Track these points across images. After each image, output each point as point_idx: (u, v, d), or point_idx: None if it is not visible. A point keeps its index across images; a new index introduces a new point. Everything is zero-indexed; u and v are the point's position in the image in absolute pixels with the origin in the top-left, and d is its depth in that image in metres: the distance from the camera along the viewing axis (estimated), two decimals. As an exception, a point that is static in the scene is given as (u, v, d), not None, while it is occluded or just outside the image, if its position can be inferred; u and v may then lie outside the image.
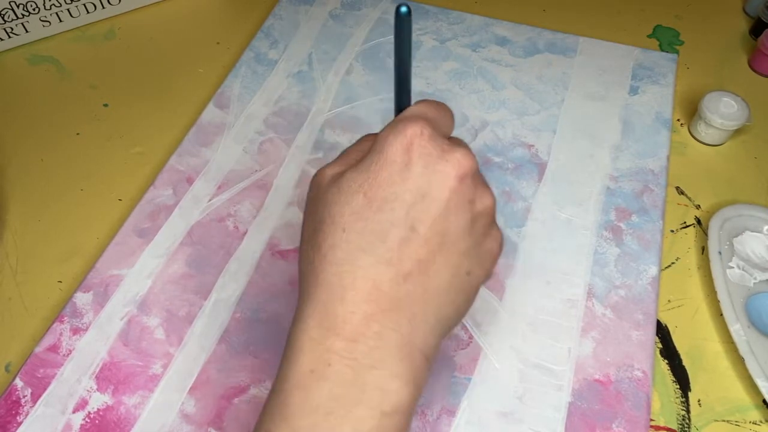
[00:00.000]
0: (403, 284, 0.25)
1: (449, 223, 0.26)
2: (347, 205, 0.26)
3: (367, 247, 0.25)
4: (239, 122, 0.53)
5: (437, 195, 0.26)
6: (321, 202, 0.27)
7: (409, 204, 0.26)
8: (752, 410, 0.40)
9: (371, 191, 0.26)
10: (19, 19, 0.59)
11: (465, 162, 0.26)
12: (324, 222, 0.27)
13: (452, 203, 0.26)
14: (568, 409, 0.39)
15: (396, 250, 0.25)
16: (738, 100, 0.52)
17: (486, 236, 0.29)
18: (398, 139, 0.26)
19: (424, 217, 0.26)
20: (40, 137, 0.54)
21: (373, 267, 0.25)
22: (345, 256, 0.26)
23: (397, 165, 0.26)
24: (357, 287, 0.25)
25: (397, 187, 0.26)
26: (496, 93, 0.56)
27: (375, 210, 0.26)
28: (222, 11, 0.65)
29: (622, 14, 0.65)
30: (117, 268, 0.45)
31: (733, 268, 0.45)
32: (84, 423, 0.38)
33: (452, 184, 0.26)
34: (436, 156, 0.26)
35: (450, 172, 0.26)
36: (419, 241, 0.26)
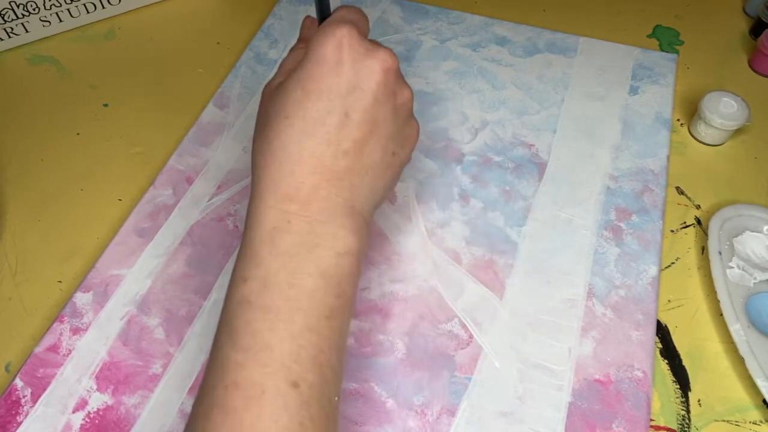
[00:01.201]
0: (342, 160, 0.30)
1: (377, 111, 0.31)
2: (289, 99, 0.30)
3: (309, 130, 0.30)
4: (239, 122, 0.53)
5: (366, 87, 0.30)
6: (268, 105, 0.32)
7: (342, 94, 0.30)
8: (752, 410, 0.40)
9: (308, 85, 0.30)
10: (19, 19, 0.59)
11: (388, 59, 0.31)
12: (269, 116, 0.31)
13: (379, 94, 0.31)
14: (568, 409, 0.39)
15: (334, 132, 0.30)
16: (738, 100, 0.52)
17: (406, 124, 0.34)
18: (329, 39, 0.30)
19: (357, 106, 0.30)
20: (40, 137, 0.54)
21: (316, 146, 0.30)
22: (290, 139, 0.30)
23: (330, 62, 0.30)
24: (304, 163, 0.30)
25: (331, 80, 0.30)
26: (496, 93, 0.56)
27: (313, 100, 0.30)
28: (222, 11, 0.65)
29: (622, 14, 0.65)
30: (117, 268, 0.45)
31: (733, 268, 0.45)
32: (84, 423, 0.38)
33: (378, 78, 0.30)
34: (363, 54, 0.30)
35: (376, 68, 0.30)
36: (353, 125, 0.30)
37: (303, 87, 0.30)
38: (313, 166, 0.30)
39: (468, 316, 0.43)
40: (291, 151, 0.30)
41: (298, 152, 0.30)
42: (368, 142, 0.31)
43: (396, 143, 0.33)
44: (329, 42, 0.30)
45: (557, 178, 0.50)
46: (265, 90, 0.34)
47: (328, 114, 0.30)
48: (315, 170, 0.30)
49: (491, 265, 0.45)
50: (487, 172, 0.50)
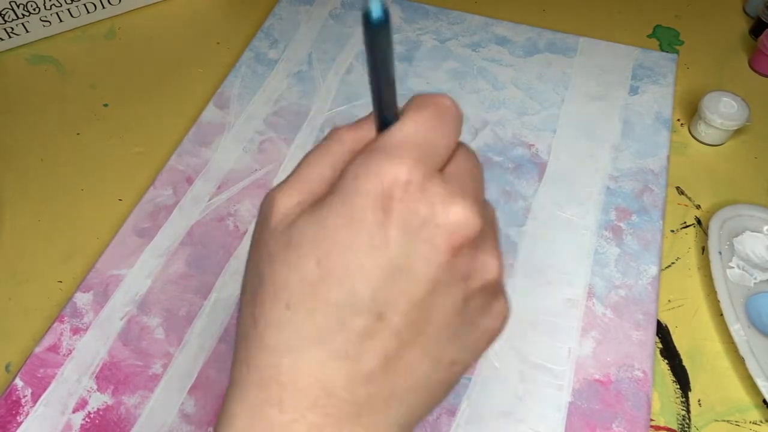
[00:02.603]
0: (362, 387, 0.19)
1: (432, 308, 0.19)
2: (295, 270, 0.19)
3: (316, 335, 0.19)
4: (239, 122, 0.53)
5: (419, 273, 0.19)
6: (264, 252, 0.20)
7: (377, 283, 0.18)
8: (752, 410, 0.40)
9: (327, 258, 0.18)
10: (20, 19, 0.59)
11: (464, 227, 0.19)
12: (264, 284, 0.20)
13: (439, 283, 0.19)
14: (568, 409, 0.39)
15: (355, 342, 0.19)
16: (738, 100, 0.52)
17: (484, 314, 0.21)
18: (372, 184, 0.18)
19: (399, 302, 0.19)
20: (40, 137, 0.54)
21: (324, 363, 0.19)
22: (287, 343, 0.19)
23: (367, 224, 0.18)
24: (300, 388, 0.19)
25: (363, 256, 0.18)
26: (496, 93, 0.56)
27: (331, 285, 0.18)
28: (222, 11, 0.65)
29: (622, 14, 0.65)
30: (117, 268, 0.45)
31: (733, 268, 0.45)
32: (84, 423, 0.38)
33: (442, 259, 0.19)
34: (423, 218, 0.18)
35: (441, 244, 0.19)
36: (388, 332, 0.19)
37: (320, 260, 0.18)
38: (315, 396, 0.19)
39: (468, 316, 0.43)
40: (283, 365, 0.19)
41: (294, 369, 0.19)
42: (409, 356, 0.19)
43: (459, 347, 0.21)
44: (371, 190, 0.18)
45: (557, 178, 0.50)
46: (266, 204, 0.21)
47: (352, 313, 0.18)
48: (317, 404, 0.19)
49: (491, 265, 0.45)
50: (487, 172, 0.50)
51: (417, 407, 0.21)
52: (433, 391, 0.21)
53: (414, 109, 0.20)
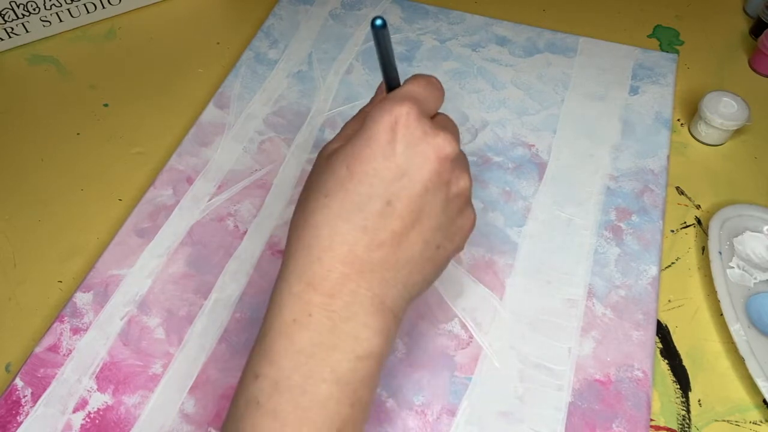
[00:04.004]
0: (377, 251, 0.28)
1: (425, 202, 0.28)
2: (332, 175, 0.28)
3: (345, 214, 0.27)
4: (239, 122, 0.53)
5: (416, 175, 0.28)
6: (314, 173, 0.30)
7: (388, 180, 0.27)
8: (752, 410, 0.40)
9: (354, 165, 0.27)
10: (20, 19, 0.59)
11: (446, 145, 0.28)
12: (312, 189, 0.29)
13: (430, 184, 0.28)
14: (568, 409, 0.39)
15: (372, 220, 0.27)
16: (738, 100, 0.52)
17: (459, 215, 0.31)
18: (384, 117, 0.27)
19: (402, 195, 0.28)
20: (40, 137, 0.54)
21: (350, 233, 0.27)
22: (324, 220, 0.28)
23: (381, 142, 0.27)
24: (334, 249, 0.27)
25: (378, 163, 0.27)
26: (496, 93, 0.56)
27: (356, 182, 0.27)
28: (222, 11, 0.65)
29: (622, 14, 0.65)
30: (117, 268, 0.45)
31: (733, 268, 0.45)
32: (84, 423, 0.38)
33: (431, 166, 0.28)
34: (418, 137, 0.27)
35: (430, 155, 0.28)
36: (395, 215, 0.28)
37: (348, 166, 0.28)
38: (344, 254, 0.27)
39: (468, 316, 0.43)
40: (322, 234, 0.28)
41: (330, 237, 0.28)
42: (409, 234, 0.28)
43: (443, 236, 0.30)
44: (384, 120, 0.27)
45: (557, 178, 0.50)
46: (321, 151, 0.31)
47: (370, 199, 0.27)
48: (345, 259, 0.27)
49: (491, 265, 0.45)
50: (487, 172, 0.50)
51: (415, 275, 0.29)
52: (425, 266, 0.30)
53: (412, 79, 0.30)
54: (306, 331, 0.27)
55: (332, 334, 0.27)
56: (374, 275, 0.28)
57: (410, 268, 0.29)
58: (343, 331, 0.27)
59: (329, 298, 0.27)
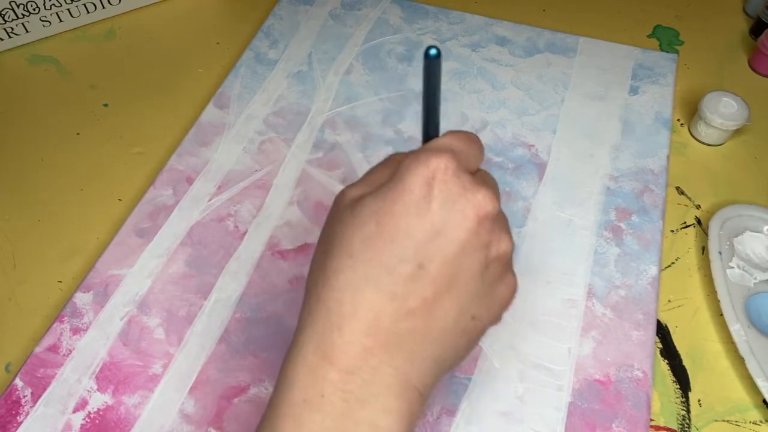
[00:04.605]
0: (405, 321, 0.25)
1: (461, 266, 0.25)
2: (358, 231, 0.25)
3: (372, 277, 0.25)
4: (239, 122, 0.53)
5: (452, 235, 0.25)
6: (336, 223, 0.27)
7: (421, 240, 0.25)
8: (752, 410, 0.40)
9: (384, 220, 0.25)
10: (20, 19, 0.59)
11: (486, 204, 0.25)
12: (334, 244, 0.26)
13: (467, 245, 0.25)
14: (568, 409, 0.39)
15: (401, 284, 0.25)
16: (738, 100, 0.52)
17: (499, 282, 0.28)
18: (420, 169, 0.25)
19: (436, 257, 0.25)
20: (40, 137, 0.54)
21: (376, 299, 0.25)
22: (348, 283, 0.25)
23: (415, 197, 0.25)
24: (357, 317, 0.25)
25: (411, 220, 0.25)
26: (496, 93, 0.56)
27: (385, 241, 0.25)
28: (222, 11, 0.65)
29: (622, 14, 0.65)
30: (117, 268, 0.45)
31: (733, 268, 0.45)
32: (84, 423, 0.38)
33: (470, 226, 0.25)
34: (456, 194, 0.25)
35: (469, 213, 0.25)
36: (427, 280, 0.25)
37: (378, 222, 0.25)
38: (368, 324, 0.25)
39: (468, 316, 0.43)
40: (345, 299, 0.25)
41: (353, 302, 0.25)
42: (442, 302, 0.25)
43: (479, 304, 0.27)
44: (420, 172, 0.25)
45: (557, 178, 0.50)
46: (339, 196, 0.28)
47: (400, 261, 0.25)
48: (369, 330, 0.25)
49: (491, 265, 0.45)
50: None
51: (446, 350, 0.26)
52: (459, 339, 0.27)
53: (449, 133, 0.28)
54: (317, 414, 0.24)
55: (347, 419, 0.24)
56: (401, 349, 0.25)
57: (442, 341, 0.26)
58: (360, 417, 0.24)
59: (347, 375, 0.24)
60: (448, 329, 0.26)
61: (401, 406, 0.25)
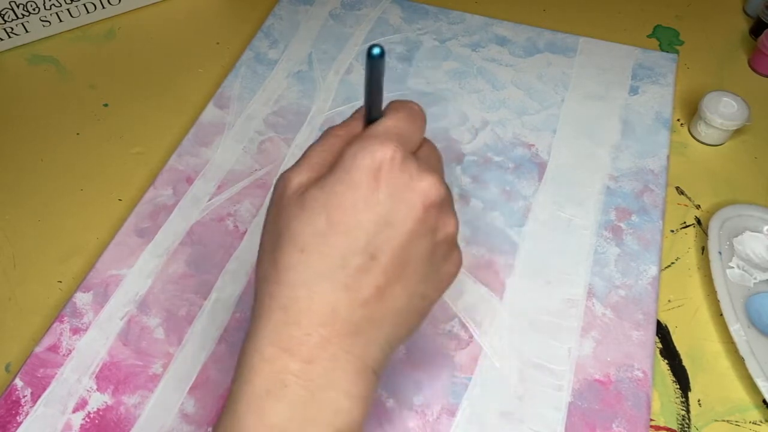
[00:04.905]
0: (360, 310, 0.26)
1: (410, 253, 0.26)
2: (309, 225, 0.25)
3: (325, 271, 0.25)
4: (239, 122, 0.53)
5: (401, 225, 0.25)
6: (283, 214, 0.27)
7: (371, 233, 0.25)
8: (752, 410, 0.40)
9: (334, 214, 0.25)
10: (19, 19, 0.59)
11: (432, 191, 0.26)
12: (283, 237, 0.26)
13: (415, 233, 0.26)
14: (568, 409, 0.39)
15: (354, 276, 0.25)
16: (738, 100, 0.52)
17: (445, 260, 0.28)
18: (366, 161, 0.25)
19: (386, 247, 0.25)
20: (40, 137, 0.54)
21: (332, 292, 0.25)
22: (302, 278, 0.25)
23: (363, 190, 0.25)
24: (313, 311, 0.25)
25: (361, 214, 0.25)
26: (496, 93, 0.56)
27: (337, 235, 0.25)
28: (222, 11, 0.65)
29: (622, 14, 0.65)
30: (117, 268, 0.45)
31: (733, 268, 0.45)
32: (84, 423, 0.38)
33: (417, 215, 0.26)
34: (403, 185, 0.25)
35: (416, 203, 0.26)
36: (379, 269, 0.25)
37: (328, 216, 0.25)
38: (325, 316, 0.25)
39: (468, 316, 0.43)
40: (300, 295, 0.25)
41: (308, 297, 0.25)
42: (393, 288, 0.26)
43: (428, 284, 0.28)
44: (366, 165, 0.25)
45: (557, 178, 0.50)
46: (281, 182, 0.28)
47: (352, 254, 0.25)
48: (326, 322, 0.25)
49: (491, 265, 0.45)
50: (487, 172, 0.50)
51: (398, 329, 0.27)
52: (410, 318, 0.28)
53: (393, 110, 0.28)
54: (279, 404, 0.25)
55: (309, 405, 0.25)
56: (357, 337, 0.26)
57: (393, 322, 0.27)
58: (321, 402, 0.25)
59: (307, 364, 0.25)
60: (400, 311, 0.27)
61: (360, 388, 0.26)
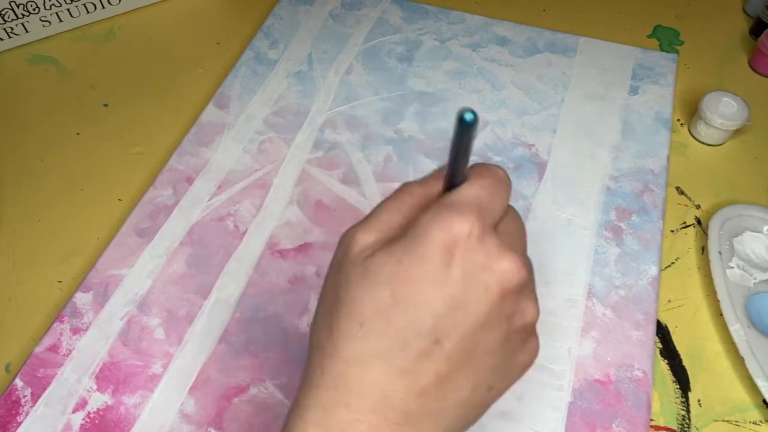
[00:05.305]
0: (417, 398, 0.23)
1: (480, 340, 0.23)
2: (370, 297, 0.23)
3: (383, 352, 0.23)
4: (239, 122, 0.53)
5: (473, 309, 0.23)
6: (344, 276, 0.24)
7: (439, 314, 0.22)
8: (752, 410, 0.40)
9: (400, 289, 0.23)
10: (19, 19, 0.59)
11: (512, 275, 0.23)
12: (342, 304, 0.24)
13: (488, 319, 0.23)
14: (568, 409, 0.39)
15: (414, 361, 0.23)
16: (738, 100, 0.52)
17: (519, 350, 0.26)
18: (441, 233, 0.22)
19: (453, 332, 0.23)
20: (40, 137, 0.54)
21: (387, 376, 0.23)
22: (357, 355, 0.23)
23: (434, 264, 0.22)
24: (365, 394, 0.23)
25: (429, 290, 0.22)
26: (496, 93, 0.56)
27: (400, 312, 0.23)
28: (222, 11, 0.65)
29: (622, 14, 0.65)
30: (117, 268, 0.45)
31: (733, 268, 0.45)
32: (84, 423, 0.38)
33: (492, 299, 0.23)
34: (480, 265, 0.23)
35: (493, 287, 0.23)
36: (442, 355, 0.23)
37: (394, 290, 0.22)
38: (376, 401, 0.23)
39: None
40: (352, 373, 0.23)
41: (361, 377, 0.23)
42: (456, 378, 0.23)
43: (497, 375, 0.25)
44: (440, 238, 0.22)
45: (557, 178, 0.50)
46: (346, 239, 0.25)
47: (415, 336, 0.22)
48: (378, 408, 0.23)
49: (491, 265, 0.45)
50: (487, 172, 0.50)
51: (457, 422, 0.24)
52: (471, 411, 0.25)
53: (476, 176, 0.25)
54: None
55: None
56: (410, 426, 0.23)
57: (453, 415, 0.24)
58: None
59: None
60: (461, 404, 0.24)
61: None
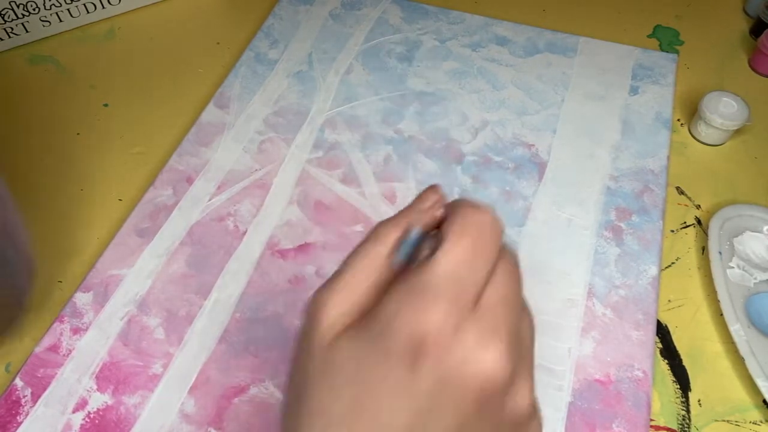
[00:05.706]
0: None
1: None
2: (331, 398, 0.20)
3: None
4: (239, 122, 0.53)
5: (447, 418, 0.19)
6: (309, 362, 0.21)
7: (406, 423, 0.19)
8: (752, 410, 0.40)
9: (363, 394, 0.20)
10: (19, 19, 0.59)
11: (494, 373, 0.19)
12: (304, 401, 0.21)
13: (469, 420, 0.20)
14: (568, 409, 0.39)
15: None
16: (738, 100, 0.52)
17: None
18: (408, 327, 0.19)
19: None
20: (40, 137, 0.54)
21: None
22: None
23: (400, 369, 0.19)
24: None
25: (394, 402, 0.19)
26: (497, 93, 0.56)
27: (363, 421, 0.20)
28: (222, 11, 0.65)
29: (622, 14, 0.65)
30: (117, 268, 0.45)
31: (733, 268, 0.45)
32: (84, 423, 0.38)
33: (468, 409, 0.19)
34: (455, 365, 0.19)
35: (467, 394, 0.19)
36: None
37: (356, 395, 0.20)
38: None
39: (468, 316, 0.43)
40: None
41: None
42: None
43: None
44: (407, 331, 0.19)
45: (557, 178, 0.50)
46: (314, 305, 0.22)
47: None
48: None
49: (491, 265, 0.45)
50: (487, 172, 0.50)
51: None
52: None
53: (454, 235, 0.21)
54: None
55: None
56: None
57: None
58: None
59: None
60: None
61: None
